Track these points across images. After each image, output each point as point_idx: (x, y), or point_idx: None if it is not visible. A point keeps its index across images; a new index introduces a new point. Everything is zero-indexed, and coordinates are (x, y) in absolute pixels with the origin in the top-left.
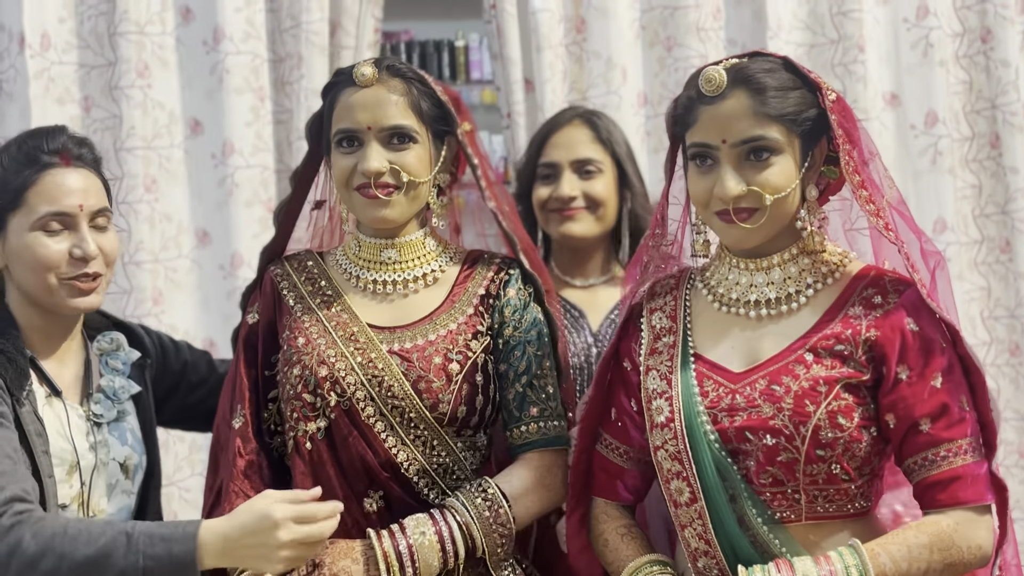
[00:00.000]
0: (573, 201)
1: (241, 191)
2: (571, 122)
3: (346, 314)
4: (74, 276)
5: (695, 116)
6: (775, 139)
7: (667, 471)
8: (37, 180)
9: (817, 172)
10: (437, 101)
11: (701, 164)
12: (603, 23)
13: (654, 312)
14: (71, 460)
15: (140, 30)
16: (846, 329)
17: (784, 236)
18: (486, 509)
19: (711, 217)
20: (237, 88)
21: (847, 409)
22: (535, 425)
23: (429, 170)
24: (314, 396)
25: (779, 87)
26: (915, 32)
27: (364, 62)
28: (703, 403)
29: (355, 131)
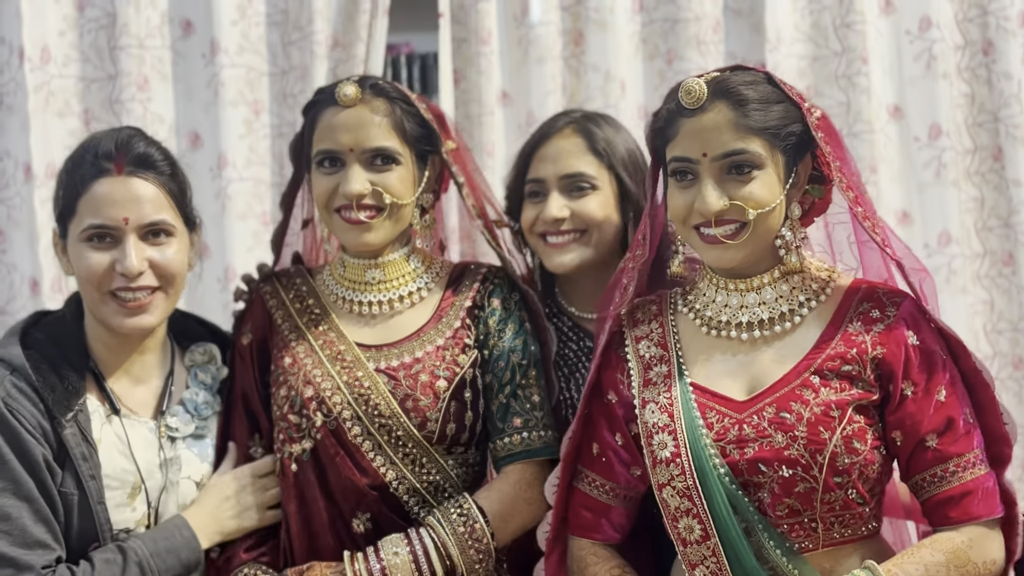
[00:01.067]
0: (561, 224)
1: (234, 204)
2: (562, 131)
3: (333, 333)
4: (120, 291)
5: (675, 129)
6: (757, 153)
7: (674, 509)
8: (87, 188)
9: (801, 189)
10: (421, 120)
11: (681, 179)
12: (601, 36)
13: (640, 341)
14: (133, 481)
15: (140, 43)
16: (851, 348)
17: (766, 257)
18: (461, 525)
19: (690, 233)
20: (232, 101)
21: (861, 432)
22: (518, 437)
23: (412, 191)
24: (299, 417)
25: (761, 99)
26: (918, 44)
27: (347, 81)
28: (709, 435)
29: (337, 152)
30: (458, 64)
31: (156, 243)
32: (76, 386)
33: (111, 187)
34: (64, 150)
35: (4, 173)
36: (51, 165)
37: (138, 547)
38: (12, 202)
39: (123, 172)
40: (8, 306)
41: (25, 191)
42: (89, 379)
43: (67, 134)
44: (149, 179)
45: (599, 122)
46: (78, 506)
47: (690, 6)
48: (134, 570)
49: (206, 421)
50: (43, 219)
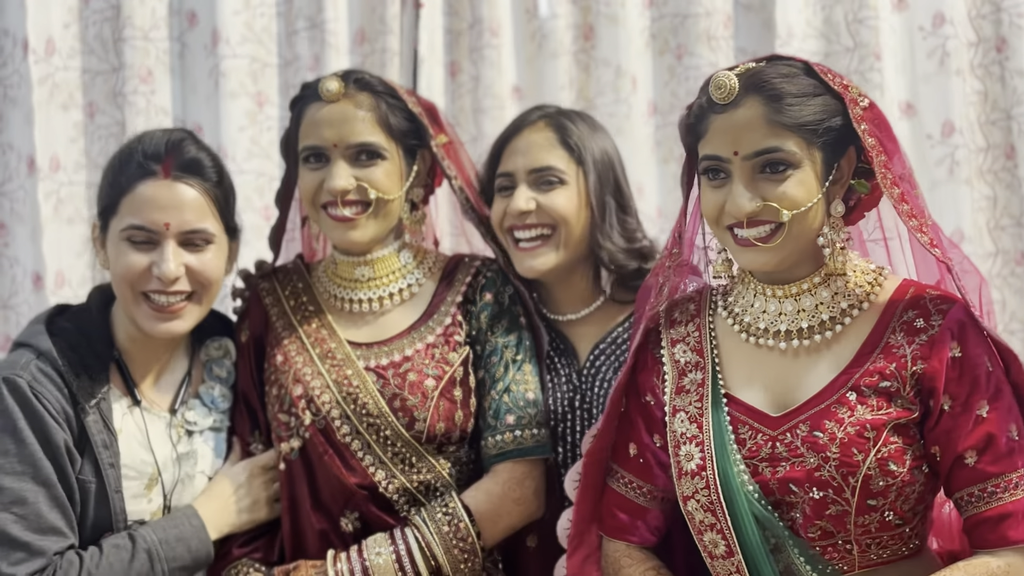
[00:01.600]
0: (527, 217)
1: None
2: (534, 124)
3: (325, 330)
4: (153, 293)
5: (706, 126)
6: (791, 151)
7: (699, 523)
8: (132, 188)
9: (844, 186)
10: (409, 115)
11: (713, 177)
12: (612, 31)
13: (676, 344)
14: (151, 473)
15: (144, 35)
16: (890, 363)
17: (807, 260)
18: (446, 524)
19: (724, 234)
20: (232, 92)
21: (898, 453)
22: (510, 434)
23: (400, 186)
24: (288, 415)
25: (797, 94)
26: (931, 41)
27: (330, 76)
28: (740, 452)
29: (321, 148)
30: (454, 56)
31: (195, 250)
32: (100, 375)
33: (156, 190)
34: (68, 143)
35: (7, 166)
36: (54, 158)
37: (147, 534)
38: (15, 195)
39: (170, 176)
40: (11, 301)
41: (28, 184)
42: (113, 369)
43: (71, 127)
44: (194, 185)
45: (574, 118)
46: (95, 494)
47: (701, 1)
48: (142, 557)
49: (223, 415)
50: (47, 213)
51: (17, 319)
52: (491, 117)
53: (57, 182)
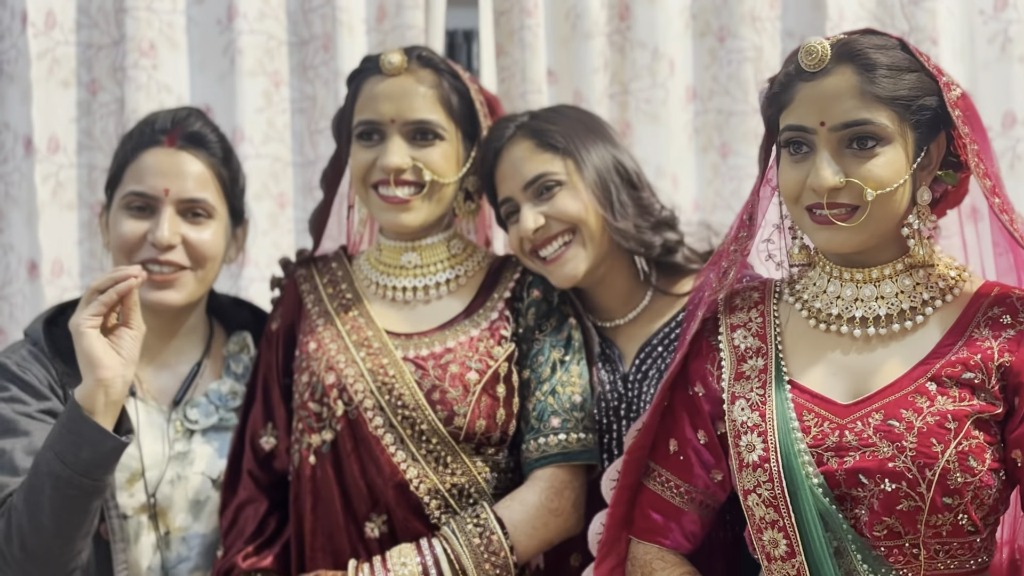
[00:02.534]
0: (544, 232)
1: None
2: (510, 140)
3: (363, 318)
4: (149, 262)
5: (791, 95)
6: (883, 125)
7: (759, 519)
8: (136, 157)
9: (932, 173)
10: (469, 100)
11: (795, 151)
12: (649, 11)
13: (736, 329)
14: (135, 467)
15: (148, 6)
16: (975, 354)
17: (889, 245)
18: (477, 536)
19: (801, 214)
20: (250, 71)
21: (978, 449)
22: (555, 438)
23: (456, 170)
24: (320, 405)
25: (892, 66)
26: (992, 25)
27: (394, 50)
28: (804, 440)
29: (377, 123)
30: (498, 38)
31: (194, 221)
32: None
33: (159, 157)
34: (68, 122)
35: (3, 147)
36: (53, 138)
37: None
38: (10, 178)
39: (174, 145)
40: (4, 290)
41: (25, 166)
42: None
43: (72, 105)
44: (199, 156)
45: (548, 115)
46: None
47: None
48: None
49: (232, 413)
50: (44, 196)
51: (11, 310)
52: (527, 102)
53: (56, 164)
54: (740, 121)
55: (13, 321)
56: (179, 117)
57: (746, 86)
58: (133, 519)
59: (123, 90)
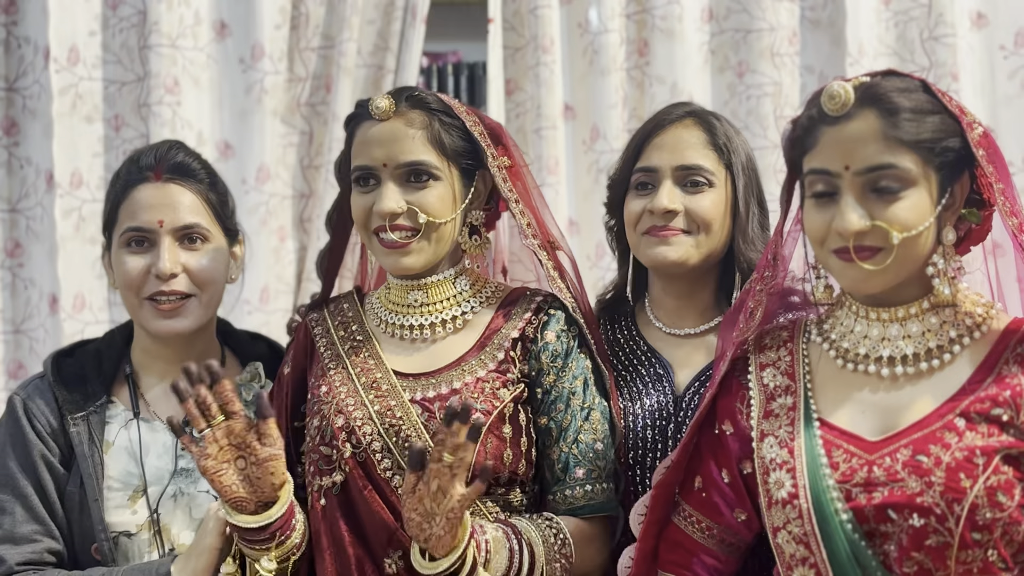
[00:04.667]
0: (672, 218)
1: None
2: (681, 120)
3: (372, 360)
4: (155, 295)
5: (815, 138)
6: (907, 169)
7: (789, 556)
8: (127, 196)
9: (956, 213)
10: (465, 134)
11: (820, 195)
12: (668, 46)
13: (765, 368)
14: (136, 484)
15: (172, 43)
16: (1004, 390)
17: (915, 284)
18: (552, 536)
19: (828, 256)
20: (273, 110)
21: (1007, 485)
22: (581, 490)
23: (453, 208)
24: (329, 448)
25: (915, 109)
26: (1013, 61)
27: (382, 94)
28: (833, 476)
29: (371, 168)
30: (511, 74)
31: (191, 248)
32: (96, 390)
33: (148, 192)
34: (91, 157)
35: (24, 182)
36: (76, 173)
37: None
38: (32, 212)
39: (161, 179)
40: (24, 325)
41: (47, 201)
42: (122, 383)
43: (95, 140)
44: (186, 185)
45: (720, 118)
46: (79, 504)
47: (764, 16)
48: None
49: None
50: (65, 231)
51: (31, 344)
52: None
53: (79, 199)
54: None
55: (33, 355)
56: (161, 151)
57: (765, 121)
58: (137, 537)
59: (148, 126)
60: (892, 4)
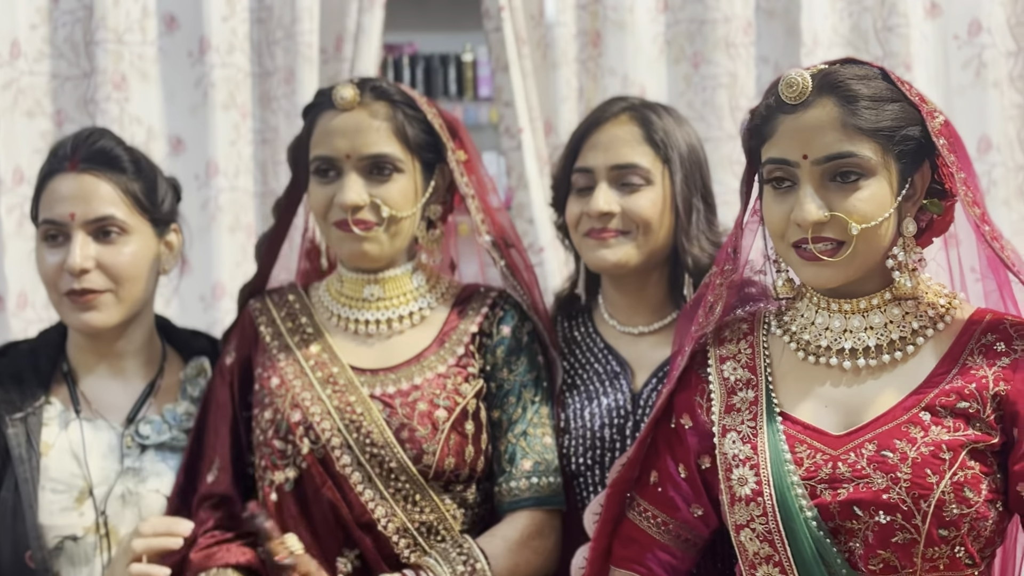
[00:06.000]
0: (610, 220)
1: (224, 215)
2: (616, 117)
3: (326, 354)
4: (71, 292)
5: (773, 127)
6: (866, 157)
7: (753, 555)
8: (44, 187)
9: (917, 203)
10: (427, 127)
11: (778, 185)
12: (620, 38)
13: (725, 361)
14: (81, 486)
15: (119, 38)
16: (969, 383)
17: (876, 276)
18: (461, 564)
19: (787, 250)
20: (223, 104)
21: (974, 480)
22: (526, 481)
23: (414, 202)
24: (285, 443)
25: (874, 97)
26: (966, 50)
27: (345, 83)
28: (797, 472)
29: (333, 159)
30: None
31: (107, 241)
32: (34, 390)
33: (61, 183)
34: (33, 153)
35: None
36: (17, 170)
37: None
38: None
39: (76, 169)
40: None
41: None
42: (60, 382)
43: (37, 136)
44: (101, 176)
45: (659, 111)
46: (12, 510)
47: (719, 6)
48: None
49: (185, 433)
50: (9, 228)
51: None
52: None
53: (21, 196)
54: (714, 147)
55: None
56: (80, 139)
57: (720, 112)
58: (83, 540)
59: (95, 122)
60: None
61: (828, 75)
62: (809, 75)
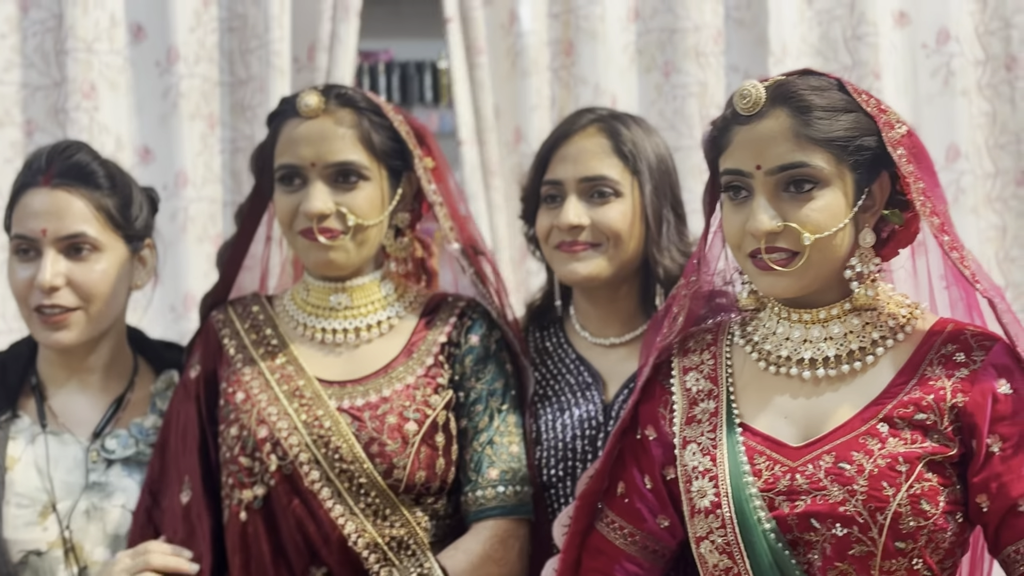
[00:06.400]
0: (579, 232)
1: (194, 225)
2: (584, 129)
3: (292, 366)
4: (42, 307)
5: (729, 138)
6: (819, 167)
7: (712, 567)
8: (17, 201)
9: (877, 213)
10: (393, 134)
11: (735, 196)
12: (591, 46)
13: (688, 372)
14: (45, 500)
15: (88, 47)
16: (927, 394)
17: (835, 286)
18: None
19: (745, 260)
20: (191, 114)
21: (931, 492)
22: (492, 491)
23: (381, 210)
24: (251, 460)
25: (827, 107)
26: (935, 59)
27: (309, 90)
28: (756, 484)
29: (298, 167)
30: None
31: (79, 258)
32: (1, 404)
33: (36, 198)
34: (4, 163)
35: None
36: None
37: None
38: None
39: (50, 184)
40: None
41: None
42: (28, 396)
43: (7, 146)
44: (75, 191)
45: (627, 122)
46: None
47: (689, 15)
48: None
49: (152, 448)
50: None
51: None
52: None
53: None
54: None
55: None
56: (54, 153)
57: (691, 121)
58: (48, 555)
59: (65, 132)
60: (815, 3)
61: (782, 86)
62: (763, 86)
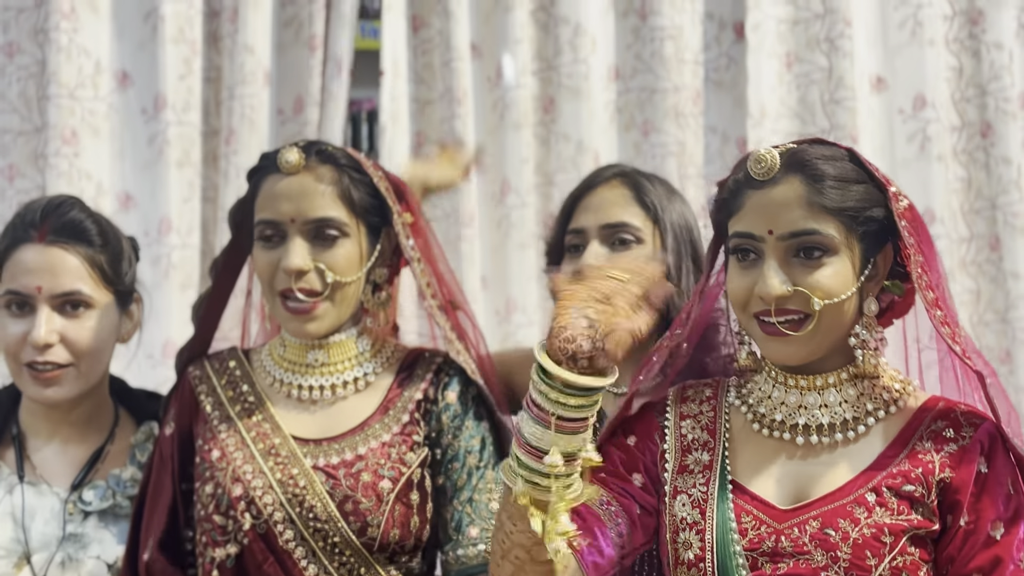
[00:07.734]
0: None
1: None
2: (608, 182)
3: (268, 424)
4: (33, 363)
5: (740, 202)
6: (830, 236)
7: None
8: (9, 256)
9: (879, 284)
10: (373, 190)
11: (743, 258)
12: (574, 104)
13: (685, 418)
14: (21, 551)
15: (70, 94)
16: (916, 467)
17: (837, 354)
18: None
19: (750, 321)
20: (179, 161)
21: (913, 567)
22: (474, 549)
23: (359, 267)
24: (225, 518)
25: (840, 177)
26: (911, 124)
27: (290, 147)
28: (740, 542)
29: (277, 223)
30: (421, 126)
31: (72, 315)
32: None
33: (30, 254)
34: None
35: None
36: None
37: None
38: None
39: (44, 240)
40: None
41: None
42: (8, 446)
43: None
44: (69, 249)
45: (651, 179)
46: None
47: (669, 76)
48: None
49: (129, 500)
50: None
51: None
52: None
53: None
54: None
55: None
56: (48, 209)
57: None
58: None
59: (44, 177)
60: (794, 67)
61: (796, 153)
62: (778, 153)
